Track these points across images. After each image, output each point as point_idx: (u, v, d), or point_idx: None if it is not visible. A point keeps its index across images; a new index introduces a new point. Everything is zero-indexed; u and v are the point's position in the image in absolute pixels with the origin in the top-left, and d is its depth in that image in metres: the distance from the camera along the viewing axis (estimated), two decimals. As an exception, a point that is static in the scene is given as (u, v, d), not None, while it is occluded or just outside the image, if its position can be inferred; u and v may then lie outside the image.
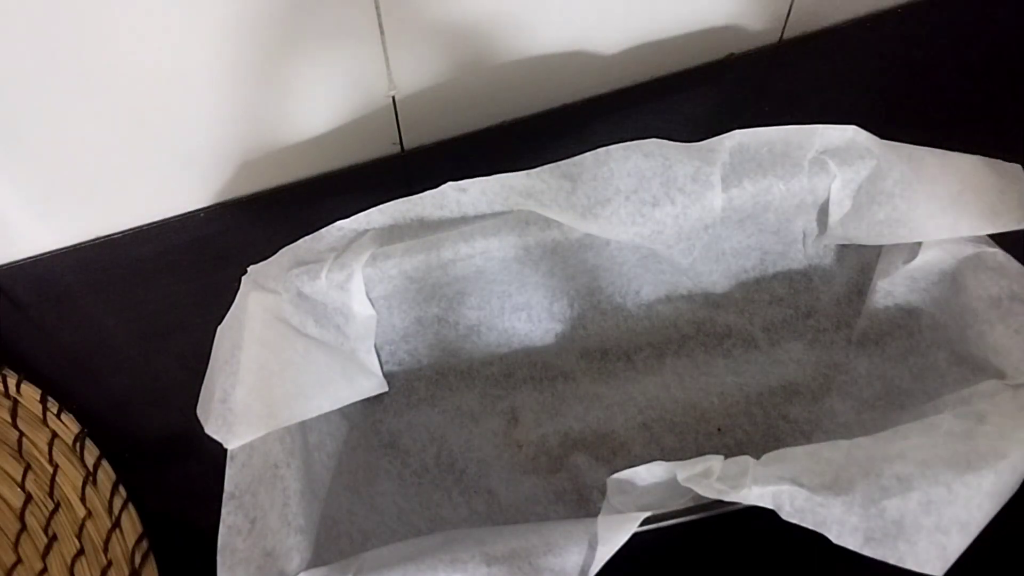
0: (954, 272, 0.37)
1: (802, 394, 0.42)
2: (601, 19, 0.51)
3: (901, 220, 0.38)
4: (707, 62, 0.56)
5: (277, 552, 0.33)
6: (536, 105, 0.55)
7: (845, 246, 0.42)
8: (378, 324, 0.41)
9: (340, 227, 0.40)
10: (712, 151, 0.39)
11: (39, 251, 0.51)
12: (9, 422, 0.44)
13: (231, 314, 0.39)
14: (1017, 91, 0.53)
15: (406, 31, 0.47)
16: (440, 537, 0.33)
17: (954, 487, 0.30)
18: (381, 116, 0.51)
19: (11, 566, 0.40)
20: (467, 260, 0.40)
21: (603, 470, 0.41)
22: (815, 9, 0.55)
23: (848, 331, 0.43)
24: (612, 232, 0.39)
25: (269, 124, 0.49)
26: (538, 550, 0.31)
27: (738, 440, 0.41)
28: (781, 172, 0.39)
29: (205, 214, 0.52)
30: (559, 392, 0.44)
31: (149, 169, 0.49)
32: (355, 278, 0.39)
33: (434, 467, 0.42)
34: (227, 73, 0.45)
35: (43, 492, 0.42)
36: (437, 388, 0.44)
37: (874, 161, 0.38)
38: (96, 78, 0.43)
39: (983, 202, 0.37)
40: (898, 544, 0.30)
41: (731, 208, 0.39)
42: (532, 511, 0.40)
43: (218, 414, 0.36)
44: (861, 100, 0.54)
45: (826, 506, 0.30)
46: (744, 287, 0.44)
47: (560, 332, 0.44)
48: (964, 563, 0.30)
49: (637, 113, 0.54)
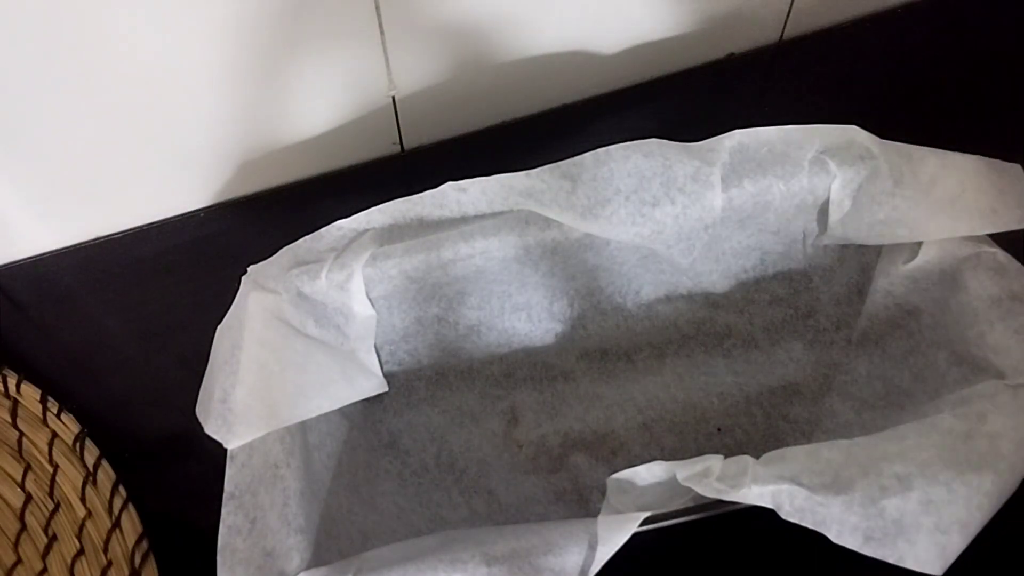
0: (954, 272, 0.37)
1: (802, 394, 0.42)
2: (601, 19, 0.51)
3: (901, 220, 0.38)
4: (707, 62, 0.56)
5: (277, 552, 0.33)
6: (536, 105, 0.55)
7: (845, 246, 0.42)
8: (378, 324, 0.41)
9: (340, 227, 0.40)
10: (712, 151, 0.39)
11: (39, 251, 0.51)
12: (9, 422, 0.45)
13: (231, 314, 0.39)
14: (1017, 91, 0.53)
15: (406, 31, 0.47)
16: (440, 537, 0.33)
17: (954, 487, 0.30)
18: (381, 116, 0.51)
19: (11, 566, 0.40)
20: (467, 260, 0.40)
21: (603, 470, 0.41)
22: (815, 9, 0.55)
23: (848, 331, 0.43)
24: (612, 232, 0.39)
25: (269, 124, 0.49)
26: (538, 550, 0.31)
27: (738, 440, 0.41)
28: (781, 172, 0.39)
29: (205, 214, 0.52)
30: (559, 392, 0.44)
31: (149, 169, 0.49)
32: (355, 278, 0.39)
33: (434, 467, 0.42)
34: (227, 73, 0.45)
35: (43, 492, 0.42)
36: (437, 388, 0.44)
37: (874, 161, 0.38)
38: (96, 78, 0.43)
39: (983, 202, 0.37)
40: (898, 543, 0.30)
41: (731, 208, 0.39)
42: (532, 511, 0.40)
43: (218, 414, 0.36)
44: (861, 100, 0.54)
45: (826, 505, 0.30)
46: (744, 287, 0.44)
47: (560, 332, 0.44)
48: (964, 563, 0.30)
49: (637, 113, 0.54)
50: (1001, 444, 0.31)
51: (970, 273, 0.37)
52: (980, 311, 0.36)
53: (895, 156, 0.38)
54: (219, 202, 0.52)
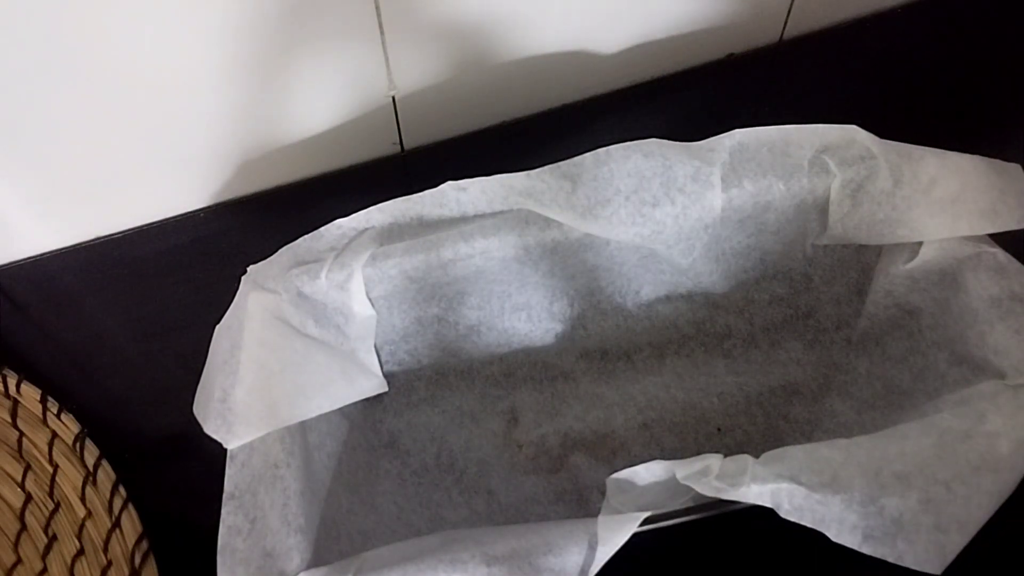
0: (954, 272, 0.37)
1: (802, 394, 0.42)
2: (601, 19, 0.51)
3: (901, 220, 0.38)
4: (707, 62, 0.56)
5: (277, 552, 0.33)
6: (536, 105, 0.55)
7: (845, 246, 0.42)
8: (378, 324, 0.41)
9: (340, 225, 0.40)
10: (712, 151, 0.39)
11: (39, 251, 0.51)
12: (9, 422, 0.45)
13: (230, 313, 0.39)
14: (1017, 91, 0.53)
15: (406, 31, 0.47)
16: (440, 537, 0.33)
17: (953, 486, 0.30)
18: (381, 116, 0.51)
19: (11, 566, 0.40)
20: (467, 260, 0.40)
21: (603, 470, 0.41)
22: (815, 9, 0.55)
23: (848, 331, 0.43)
24: (612, 232, 0.39)
25: (269, 124, 0.49)
26: (538, 550, 0.31)
27: (738, 440, 0.41)
28: (781, 172, 0.39)
29: (205, 214, 0.52)
30: (559, 392, 0.44)
31: (149, 169, 0.49)
32: (355, 278, 0.39)
33: (434, 467, 0.42)
34: (227, 73, 0.45)
35: (43, 492, 0.42)
36: (437, 388, 0.44)
37: (874, 161, 0.38)
38: (96, 78, 0.43)
39: (983, 202, 0.37)
40: (897, 542, 0.30)
41: (731, 208, 0.39)
42: (532, 511, 0.40)
43: (218, 414, 0.36)
44: (861, 100, 0.54)
45: (825, 504, 0.30)
46: (744, 287, 0.44)
47: (560, 332, 0.44)
48: (963, 562, 0.30)
49: (637, 113, 0.54)
50: (1000, 444, 0.31)
51: (970, 273, 0.37)
52: (980, 311, 0.36)
53: (895, 156, 0.38)
54: (219, 202, 0.52)
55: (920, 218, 0.38)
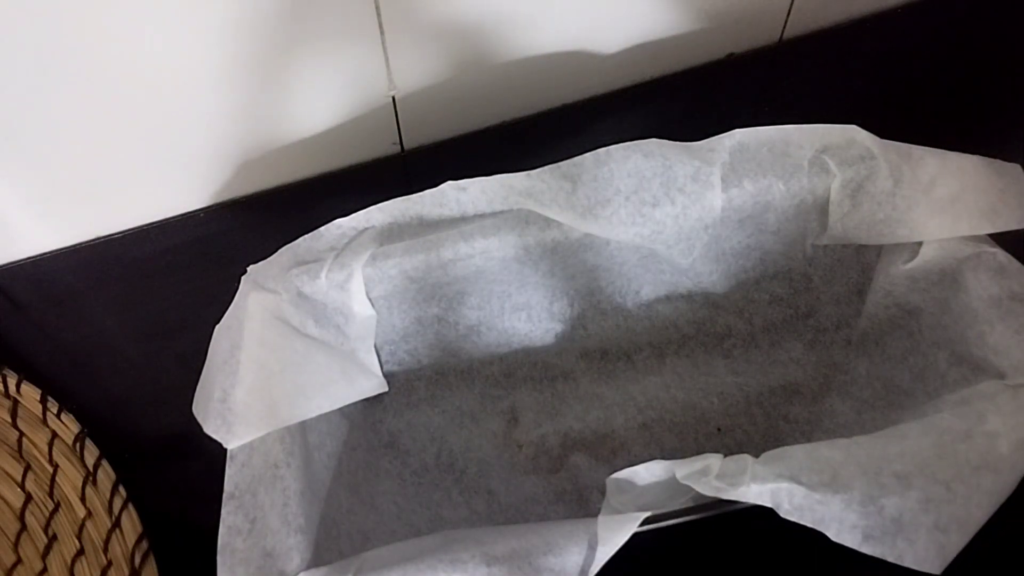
0: (954, 272, 0.37)
1: (802, 394, 0.42)
2: (601, 19, 0.51)
3: (901, 220, 0.38)
4: (707, 62, 0.56)
5: (277, 552, 0.33)
6: (536, 105, 0.55)
7: (845, 246, 0.42)
8: (378, 324, 0.41)
9: (339, 225, 0.40)
10: (712, 151, 0.39)
11: (39, 251, 0.51)
12: (9, 422, 0.45)
13: (230, 313, 0.39)
14: (1017, 91, 0.53)
15: (406, 31, 0.47)
16: (440, 537, 0.33)
17: (953, 486, 0.30)
18: (381, 116, 0.51)
19: (11, 566, 0.40)
20: (467, 260, 0.40)
21: (603, 470, 0.41)
22: (815, 9, 0.55)
23: (848, 331, 0.43)
24: (612, 232, 0.39)
25: (269, 124, 0.49)
26: (538, 550, 0.31)
27: (738, 440, 0.41)
28: (781, 172, 0.39)
29: (205, 214, 0.52)
30: (559, 392, 0.44)
31: (149, 169, 0.49)
32: (355, 278, 0.39)
33: (434, 467, 0.42)
34: (227, 73, 0.45)
35: (43, 492, 0.42)
36: (437, 388, 0.44)
37: (874, 161, 0.38)
38: (96, 78, 0.43)
39: (983, 202, 0.37)
40: (897, 542, 0.30)
41: (731, 208, 0.39)
42: (532, 511, 0.40)
43: (218, 414, 0.36)
44: (861, 100, 0.54)
45: (825, 504, 0.30)
46: (744, 287, 0.44)
47: (560, 332, 0.44)
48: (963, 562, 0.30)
49: (637, 113, 0.54)
50: (1000, 444, 0.31)
51: (970, 273, 0.37)
52: (980, 311, 0.36)
53: (895, 156, 0.38)
54: (219, 202, 0.52)
55: (920, 218, 0.38)
